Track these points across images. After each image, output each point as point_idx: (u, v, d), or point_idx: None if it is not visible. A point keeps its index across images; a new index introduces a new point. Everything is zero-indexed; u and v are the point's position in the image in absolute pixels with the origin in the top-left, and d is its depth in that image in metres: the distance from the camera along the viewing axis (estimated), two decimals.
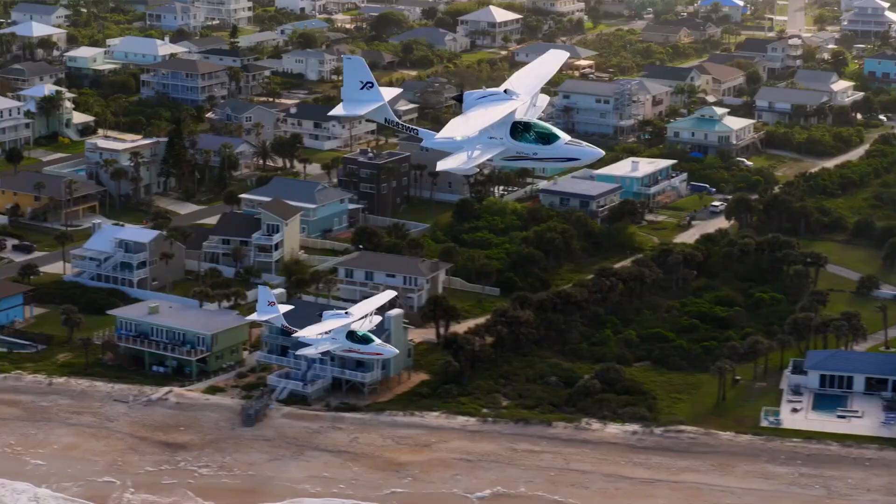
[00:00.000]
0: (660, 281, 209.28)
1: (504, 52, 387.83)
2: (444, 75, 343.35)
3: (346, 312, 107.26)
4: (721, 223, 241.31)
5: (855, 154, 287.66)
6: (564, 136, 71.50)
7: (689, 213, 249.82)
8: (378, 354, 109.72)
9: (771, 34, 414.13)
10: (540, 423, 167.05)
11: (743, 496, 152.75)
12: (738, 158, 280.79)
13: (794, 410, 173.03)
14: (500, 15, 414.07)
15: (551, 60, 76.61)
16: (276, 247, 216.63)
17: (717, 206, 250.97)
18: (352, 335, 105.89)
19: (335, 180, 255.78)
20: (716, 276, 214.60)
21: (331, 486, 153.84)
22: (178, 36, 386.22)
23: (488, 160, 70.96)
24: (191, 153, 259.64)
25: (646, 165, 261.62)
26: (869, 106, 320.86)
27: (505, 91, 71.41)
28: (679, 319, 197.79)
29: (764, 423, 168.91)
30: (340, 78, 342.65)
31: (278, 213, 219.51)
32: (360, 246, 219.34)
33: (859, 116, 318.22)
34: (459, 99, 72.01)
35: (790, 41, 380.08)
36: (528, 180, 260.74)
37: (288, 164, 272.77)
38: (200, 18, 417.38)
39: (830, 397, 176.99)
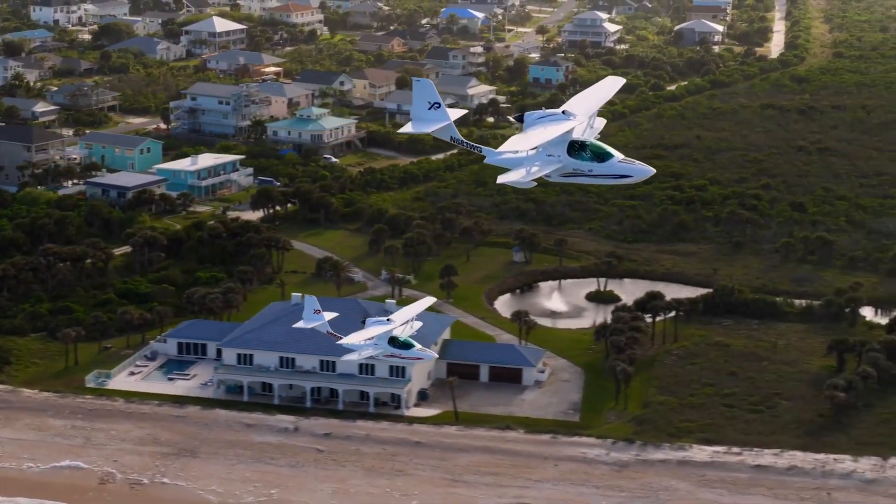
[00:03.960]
0: (128, 262, 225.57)
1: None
2: (112, 81, 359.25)
3: (388, 319, 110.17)
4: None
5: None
6: (618, 155, 75.21)
7: (223, 205, 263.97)
8: (419, 359, 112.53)
9: (479, 44, 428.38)
10: None
11: (6, 445, 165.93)
12: (326, 155, 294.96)
13: (132, 373, 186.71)
14: (222, 25, 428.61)
15: (609, 86, 79.63)
16: None
17: None
18: (393, 341, 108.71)
19: None
20: (183, 258, 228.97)
21: None
22: None
23: (546, 175, 74.81)
24: None
25: (208, 160, 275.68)
26: (496, 108, 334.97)
27: (563, 112, 75.07)
28: (101, 295, 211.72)
29: (91, 385, 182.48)
30: (20, 82, 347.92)
31: None
32: None
33: (491, 119, 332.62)
34: (521, 119, 75.67)
35: (471, 49, 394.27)
36: (95, 173, 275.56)
37: None
38: None
39: (185, 362, 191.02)
